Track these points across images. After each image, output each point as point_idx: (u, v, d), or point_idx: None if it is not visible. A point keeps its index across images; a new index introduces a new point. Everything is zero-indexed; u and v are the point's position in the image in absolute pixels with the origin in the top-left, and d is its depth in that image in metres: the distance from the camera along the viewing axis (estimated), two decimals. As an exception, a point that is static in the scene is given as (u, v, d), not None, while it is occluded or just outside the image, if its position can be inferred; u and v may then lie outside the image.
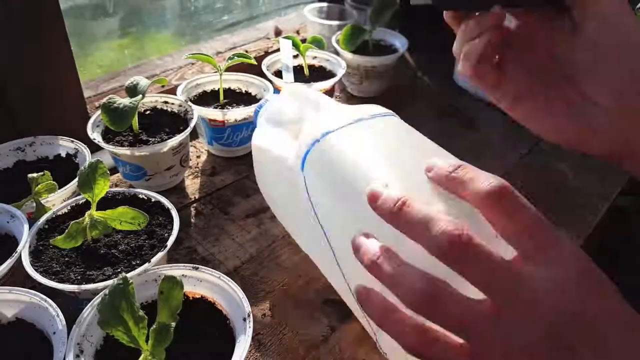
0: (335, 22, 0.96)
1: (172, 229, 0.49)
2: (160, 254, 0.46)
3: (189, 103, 0.67)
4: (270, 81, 0.75)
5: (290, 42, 0.76)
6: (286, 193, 0.47)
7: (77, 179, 0.46)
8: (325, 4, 1.04)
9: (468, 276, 0.28)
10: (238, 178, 0.71)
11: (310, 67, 0.83)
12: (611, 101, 0.34)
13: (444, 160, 0.33)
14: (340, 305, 0.48)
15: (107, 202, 0.52)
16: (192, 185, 0.69)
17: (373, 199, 0.32)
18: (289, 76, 0.76)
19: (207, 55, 0.68)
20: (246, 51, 0.94)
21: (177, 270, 0.44)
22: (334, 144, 0.40)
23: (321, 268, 0.47)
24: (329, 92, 0.79)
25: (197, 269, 0.44)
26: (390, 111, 0.45)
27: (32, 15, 0.59)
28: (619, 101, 0.34)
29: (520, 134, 0.83)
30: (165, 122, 0.66)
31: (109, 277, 0.44)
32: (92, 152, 0.60)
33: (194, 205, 0.66)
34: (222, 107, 0.70)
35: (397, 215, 0.31)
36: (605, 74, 0.34)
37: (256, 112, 0.53)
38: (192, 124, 0.63)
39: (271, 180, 0.51)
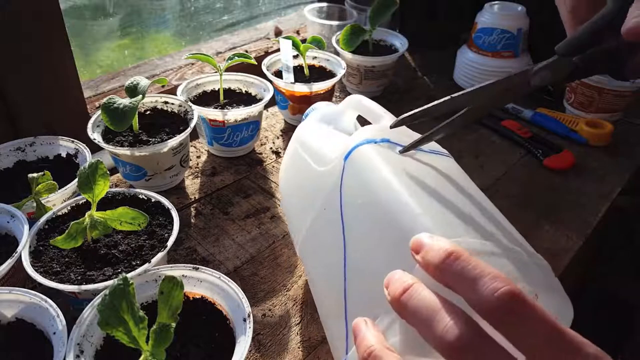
0: (335, 22, 0.96)
1: (172, 229, 0.49)
2: (160, 254, 0.46)
3: (189, 103, 0.67)
4: (270, 81, 0.75)
5: (290, 42, 0.76)
6: (310, 186, 0.43)
7: (77, 179, 0.46)
8: (325, 4, 1.04)
9: (512, 337, 0.25)
10: (238, 178, 0.71)
11: (310, 67, 0.83)
12: None
13: (433, 241, 0.29)
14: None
15: (107, 203, 0.52)
16: (192, 186, 0.69)
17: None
18: (289, 76, 0.76)
19: (207, 55, 0.68)
20: (246, 51, 0.94)
21: (177, 271, 0.44)
22: (389, 153, 0.37)
23: (314, 274, 0.44)
24: (329, 92, 0.79)
25: (197, 269, 0.44)
26: (446, 151, 0.43)
27: (32, 16, 0.59)
28: None
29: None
30: (165, 122, 0.66)
31: (109, 278, 0.44)
32: (92, 152, 0.60)
33: (194, 205, 0.66)
34: (222, 107, 0.70)
35: (400, 305, 0.28)
36: None
37: (306, 114, 0.52)
38: (192, 124, 0.63)
39: (300, 171, 0.47)
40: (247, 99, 0.74)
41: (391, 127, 0.39)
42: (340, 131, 0.47)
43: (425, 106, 0.38)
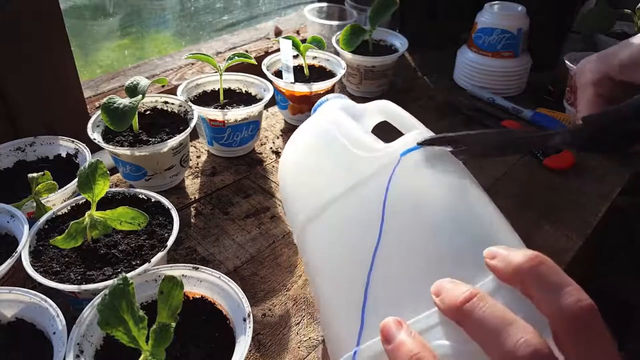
0: (335, 22, 0.96)
1: (172, 229, 0.49)
2: (160, 254, 0.46)
3: (189, 103, 0.67)
4: (270, 81, 0.75)
5: (290, 42, 0.76)
6: (340, 168, 0.41)
7: (77, 179, 0.46)
8: (325, 4, 1.04)
9: None
10: (238, 178, 0.71)
11: (310, 67, 0.83)
12: None
13: (510, 251, 0.29)
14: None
15: (107, 202, 0.52)
16: (192, 186, 0.69)
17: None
18: (289, 76, 0.76)
19: (207, 55, 0.68)
20: (246, 51, 0.94)
21: (177, 270, 0.43)
22: (452, 158, 0.37)
23: (321, 254, 0.41)
24: (329, 92, 0.79)
25: (197, 269, 0.44)
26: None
27: (32, 16, 0.59)
28: None
29: (520, 134, 0.83)
30: (165, 122, 0.66)
31: (109, 277, 0.44)
32: (92, 152, 0.60)
33: (194, 205, 0.66)
34: (222, 107, 0.70)
35: (461, 313, 0.27)
36: None
37: (320, 103, 0.50)
38: (192, 124, 0.63)
39: (326, 150, 0.45)
40: (247, 99, 0.74)
41: (418, 144, 0.38)
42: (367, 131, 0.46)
43: (459, 133, 0.38)
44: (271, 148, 0.77)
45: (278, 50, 0.80)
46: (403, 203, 0.36)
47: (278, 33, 1.04)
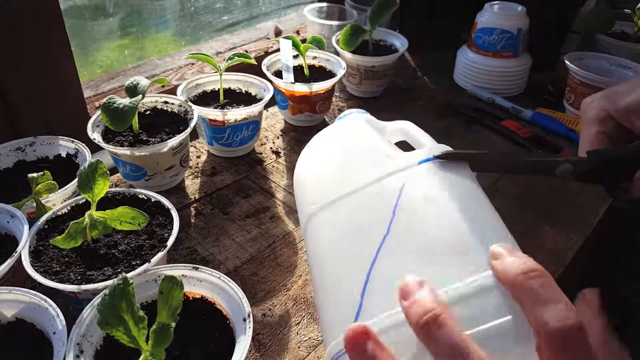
0: (335, 22, 0.96)
1: (172, 229, 0.49)
2: (160, 254, 0.46)
3: (189, 103, 0.67)
4: (270, 81, 0.75)
5: (290, 42, 0.76)
6: (361, 167, 0.45)
7: (77, 179, 0.46)
8: (325, 4, 1.04)
9: None
10: (238, 178, 0.71)
11: (310, 67, 0.83)
12: None
13: (516, 255, 0.29)
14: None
15: (107, 202, 0.52)
16: (192, 186, 0.69)
17: (403, 295, 0.29)
18: (289, 76, 0.76)
19: (207, 55, 0.68)
20: (246, 51, 0.94)
21: (177, 270, 0.43)
22: (466, 171, 0.40)
23: (327, 236, 0.43)
24: (329, 92, 0.79)
25: (197, 269, 0.44)
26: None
27: (32, 16, 0.59)
28: None
29: (520, 134, 0.83)
30: (165, 122, 0.66)
31: (109, 277, 0.44)
32: (92, 152, 0.60)
33: (194, 205, 0.66)
34: (222, 107, 0.70)
35: (424, 330, 0.27)
36: None
37: (345, 114, 0.52)
38: (192, 124, 0.63)
39: (353, 148, 0.48)
40: (247, 99, 0.74)
41: (434, 157, 0.41)
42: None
43: (471, 151, 0.41)
44: (271, 148, 0.77)
45: (278, 50, 0.80)
46: (414, 201, 0.39)
47: (278, 33, 1.04)
